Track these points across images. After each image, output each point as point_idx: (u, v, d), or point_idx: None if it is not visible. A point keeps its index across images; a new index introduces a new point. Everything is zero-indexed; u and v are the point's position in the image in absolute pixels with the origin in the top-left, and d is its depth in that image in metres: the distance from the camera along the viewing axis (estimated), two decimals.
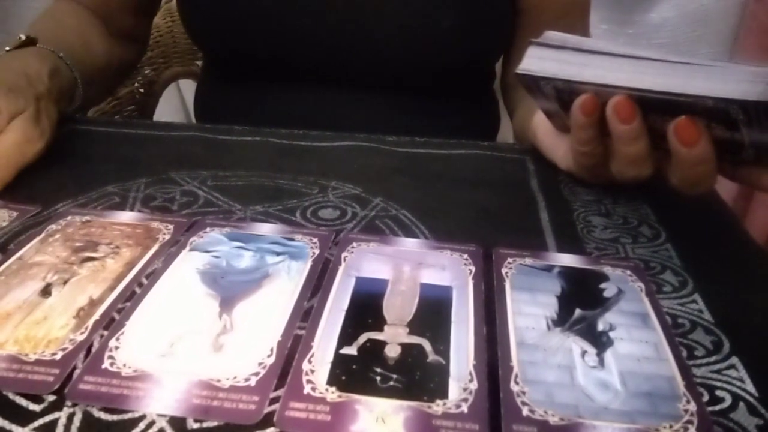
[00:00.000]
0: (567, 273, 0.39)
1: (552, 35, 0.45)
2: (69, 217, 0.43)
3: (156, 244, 0.41)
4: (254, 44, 0.69)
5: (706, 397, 0.30)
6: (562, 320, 0.35)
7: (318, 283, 0.37)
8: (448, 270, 0.39)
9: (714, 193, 0.51)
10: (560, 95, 0.46)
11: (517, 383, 0.30)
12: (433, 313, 0.35)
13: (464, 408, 0.29)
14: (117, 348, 0.31)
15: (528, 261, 0.40)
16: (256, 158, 0.55)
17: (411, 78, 0.70)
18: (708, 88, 0.38)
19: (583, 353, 0.32)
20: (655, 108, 0.41)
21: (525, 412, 0.29)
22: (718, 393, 0.31)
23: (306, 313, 0.35)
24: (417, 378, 0.30)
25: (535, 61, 0.45)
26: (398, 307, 0.35)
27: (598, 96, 0.43)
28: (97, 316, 0.34)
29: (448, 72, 0.71)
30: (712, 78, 0.38)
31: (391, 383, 0.30)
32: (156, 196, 0.48)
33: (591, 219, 0.47)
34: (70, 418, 0.28)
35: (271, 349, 0.32)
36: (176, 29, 1.08)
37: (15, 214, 0.44)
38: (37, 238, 0.41)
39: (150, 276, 0.38)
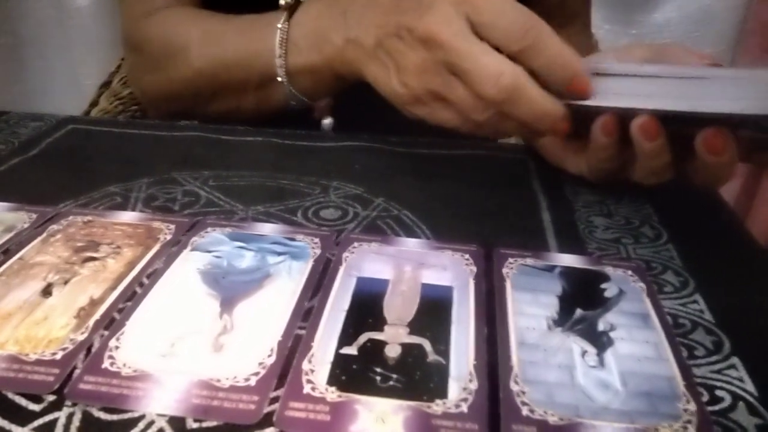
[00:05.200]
0: (568, 273, 0.39)
1: None
2: (70, 217, 0.43)
3: (157, 244, 0.41)
4: None
5: (705, 397, 0.30)
6: (563, 320, 0.35)
7: (319, 283, 0.37)
8: (450, 270, 0.39)
9: (716, 193, 0.51)
10: (574, 114, 0.45)
11: (516, 383, 0.30)
12: (433, 313, 0.35)
13: (464, 408, 0.29)
14: (117, 348, 0.32)
15: (529, 261, 0.40)
16: (258, 158, 0.55)
17: None
18: (729, 106, 0.38)
19: (584, 353, 0.32)
20: (677, 122, 0.41)
21: (525, 411, 0.28)
22: (718, 393, 0.31)
23: (306, 313, 0.35)
24: (417, 378, 0.30)
25: None
26: (399, 307, 0.35)
27: (616, 115, 0.43)
28: (97, 316, 0.34)
29: None
30: (732, 94, 0.39)
31: (391, 383, 0.30)
32: (158, 196, 0.48)
33: (593, 219, 0.47)
34: (70, 417, 0.28)
35: (271, 349, 0.32)
36: None
37: (34, 216, 0.44)
38: (39, 238, 0.41)
39: (151, 276, 0.38)
